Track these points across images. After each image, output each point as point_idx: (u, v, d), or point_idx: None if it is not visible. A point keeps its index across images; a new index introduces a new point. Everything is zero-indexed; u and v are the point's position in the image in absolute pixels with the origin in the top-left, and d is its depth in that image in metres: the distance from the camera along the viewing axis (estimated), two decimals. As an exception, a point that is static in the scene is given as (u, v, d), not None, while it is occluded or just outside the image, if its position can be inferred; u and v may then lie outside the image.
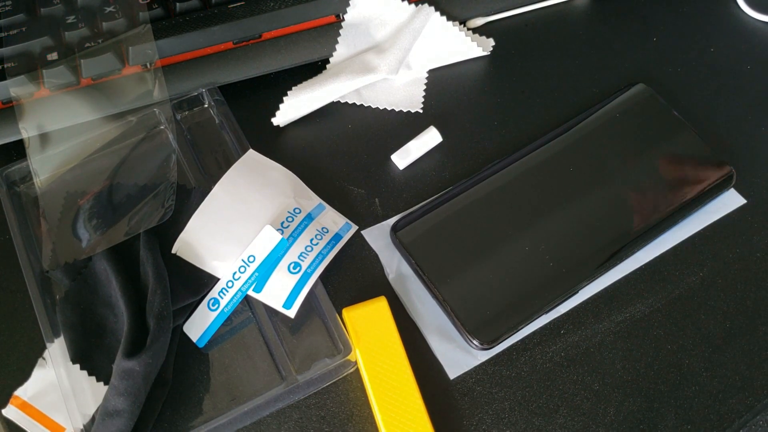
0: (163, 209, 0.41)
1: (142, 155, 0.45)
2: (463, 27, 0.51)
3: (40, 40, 0.45)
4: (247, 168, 0.43)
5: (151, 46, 0.45)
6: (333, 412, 0.39)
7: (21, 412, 0.38)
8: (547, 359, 0.40)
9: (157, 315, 0.37)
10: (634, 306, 0.42)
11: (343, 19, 0.49)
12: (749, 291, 0.42)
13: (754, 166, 0.47)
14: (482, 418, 0.39)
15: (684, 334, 0.41)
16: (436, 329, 0.41)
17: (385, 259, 0.43)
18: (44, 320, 0.39)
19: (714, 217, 0.45)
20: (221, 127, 0.47)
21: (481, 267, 0.41)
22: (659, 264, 0.43)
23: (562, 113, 0.49)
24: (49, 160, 0.43)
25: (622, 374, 0.40)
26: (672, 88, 0.50)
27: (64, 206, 0.42)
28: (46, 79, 0.44)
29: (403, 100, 0.49)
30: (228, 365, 0.39)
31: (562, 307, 0.41)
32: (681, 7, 0.54)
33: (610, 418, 0.39)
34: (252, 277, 0.40)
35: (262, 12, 0.47)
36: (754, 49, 0.52)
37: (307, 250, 0.40)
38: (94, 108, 0.45)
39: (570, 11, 0.54)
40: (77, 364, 0.38)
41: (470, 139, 0.48)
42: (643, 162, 0.45)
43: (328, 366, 0.38)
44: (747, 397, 0.39)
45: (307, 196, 0.44)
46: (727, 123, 0.48)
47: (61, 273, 0.40)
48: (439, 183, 0.46)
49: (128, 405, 0.35)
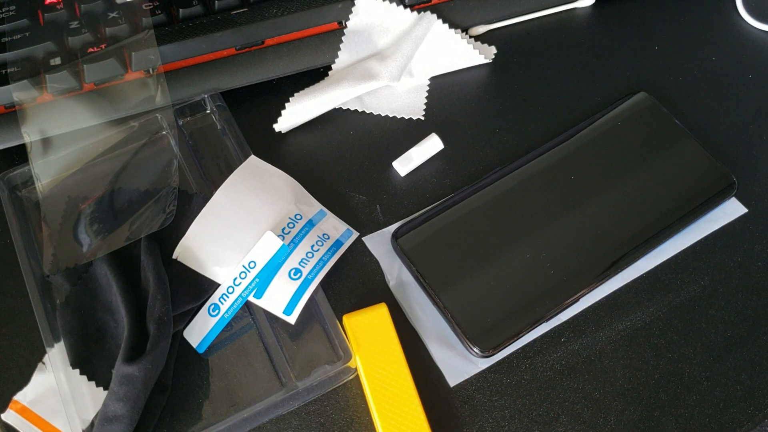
0: (164, 214, 0.41)
1: (144, 160, 0.45)
2: (465, 35, 0.51)
3: (44, 45, 0.45)
4: (249, 174, 0.43)
5: (153, 52, 0.45)
6: (333, 419, 0.39)
7: (20, 416, 0.38)
8: (547, 367, 0.40)
9: (157, 320, 0.37)
10: (635, 314, 0.42)
11: (345, 26, 0.49)
12: (750, 300, 0.42)
13: (756, 175, 0.47)
14: (482, 426, 0.39)
15: (685, 343, 0.41)
16: (436, 336, 0.41)
17: (386, 266, 0.43)
18: (44, 325, 0.39)
19: (715, 225, 0.44)
20: (223, 132, 0.47)
21: (481, 274, 0.41)
22: (660, 272, 0.43)
23: (564, 121, 0.49)
24: (50, 164, 0.43)
25: (622, 383, 0.40)
26: (673, 97, 0.50)
27: (66, 211, 0.42)
28: (49, 84, 0.44)
29: (405, 107, 0.49)
30: (228, 371, 0.39)
31: (563, 315, 0.41)
32: (682, 15, 0.54)
33: (610, 427, 0.38)
34: (252, 283, 0.39)
35: (265, 19, 0.47)
36: (755, 58, 0.52)
37: (308, 256, 0.40)
38: (96, 113, 0.45)
39: (571, 20, 0.54)
40: (77, 369, 0.38)
41: (472, 146, 0.48)
42: (644, 170, 0.45)
43: (328, 373, 0.38)
44: (748, 407, 0.39)
45: (309, 202, 0.44)
46: (728, 131, 0.48)
47: (62, 277, 0.40)
48: (441, 190, 0.46)
49: (128, 410, 0.35)
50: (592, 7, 0.54)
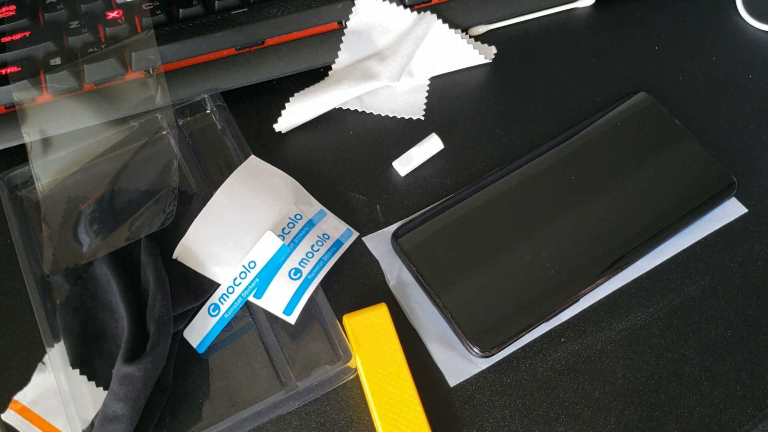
0: (164, 215, 0.41)
1: (144, 160, 0.45)
2: (465, 35, 0.51)
3: (44, 45, 0.45)
4: (249, 174, 0.43)
5: (153, 52, 0.45)
6: (333, 419, 0.39)
7: (20, 416, 0.38)
8: (547, 367, 0.40)
9: (157, 320, 0.37)
10: (635, 314, 0.42)
11: (345, 26, 0.49)
12: (750, 300, 0.42)
13: (756, 175, 0.47)
14: (482, 426, 0.39)
15: (685, 343, 0.41)
16: (436, 336, 0.41)
17: (386, 266, 0.43)
18: (44, 325, 0.39)
19: (715, 225, 0.44)
20: (223, 132, 0.47)
21: (482, 274, 0.41)
22: (660, 272, 0.43)
23: (564, 121, 0.49)
24: (50, 164, 0.43)
25: (622, 383, 0.40)
26: (673, 97, 0.50)
27: (66, 211, 0.42)
28: (49, 84, 0.44)
29: (405, 107, 0.49)
30: (228, 371, 0.39)
31: (563, 315, 0.41)
32: (683, 16, 0.54)
33: (610, 427, 0.38)
34: (253, 283, 0.39)
35: (265, 18, 0.47)
36: (755, 58, 0.52)
37: (308, 256, 0.40)
38: (96, 113, 0.45)
39: (572, 20, 0.54)
40: (77, 369, 0.38)
41: (472, 146, 0.48)
42: (644, 170, 0.45)
43: (328, 373, 0.38)
44: (748, 407, 0.39)
45: (309, 202, 0.44)
46: (728, 132, 0.48)
47: (62, 277, 0.40)
48: (441, 190, 0.46)
49: (128, 410, 0.35)
50: (592, 7, 0.54)
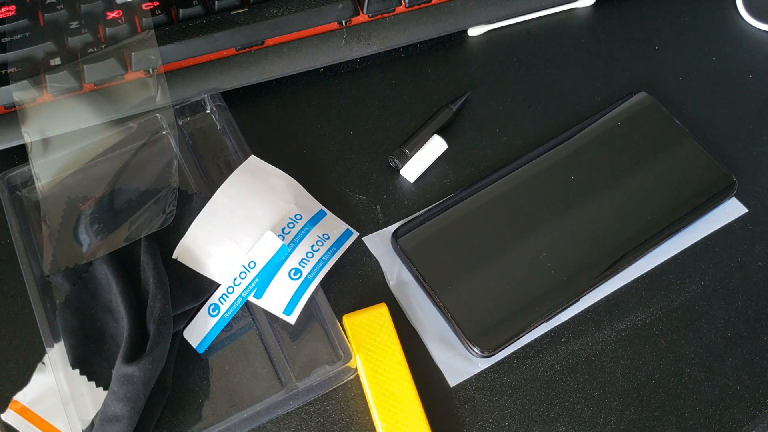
0: (164, 215, 0.41)
1: (144, 160, 0.45)
2: None
3: (44, 45, 0.45)
4: (249, 174, 0.43)
5: (154, 52, 0.45)
6: (333, 419, 0.39)
7: (20, 416, 0.38)
8: (547, 367, 0.40)
9: (157, 320, 0.37)
10: (635, 314, 0.42)
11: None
12: (750, 300, 0.42)
13: (756, 175, 0.47)
14: (482, 426, 0.38)
15: (685, 343, 0.41)
16: (436, 336, 0.41)
17: (386, 266, 0.43)
18: (44, 325, 0.39)
19: (715, 226, 0.44)
20: (223, 132, 0.47)
21: (482, 274, 0.41)
22: (660, 273, 0.43)
23: (564, 121, 0.49)
24: (50, 164, 0.43)
25: (622, 383, 0.40)
26: (673, 97, 0.50)
27: (66, 211, 0.42)
28: (49, 84, 0.44)
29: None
30: (228, 371, 0.39)
31: (563, 315, 0.41)
32: (683, 15, 0.54)
33: (610, 427, 0.38)
34: (252, 283, 0.39)
35: (265, 19, 0.47)
36: (755, 58, 0.52)
37: (308, 256, 0.40)
38: (96, 113, 0.45)
39: (572, 20, 0.54)
40: (77, 369, 0.38)
41: (472, 146, 0.48)
42: (644, 170, 0.45)
43: (328, 373, 0.38)
44: (748, 407, 0.39)
45: (309, 202, 0.44)
46: (728, 131, 0.48)
47: (62, 278, 0.40)
48: (441, 190, 0.46)
49: (127, 410, 0.35)
50: (592, 7, 0.54)
